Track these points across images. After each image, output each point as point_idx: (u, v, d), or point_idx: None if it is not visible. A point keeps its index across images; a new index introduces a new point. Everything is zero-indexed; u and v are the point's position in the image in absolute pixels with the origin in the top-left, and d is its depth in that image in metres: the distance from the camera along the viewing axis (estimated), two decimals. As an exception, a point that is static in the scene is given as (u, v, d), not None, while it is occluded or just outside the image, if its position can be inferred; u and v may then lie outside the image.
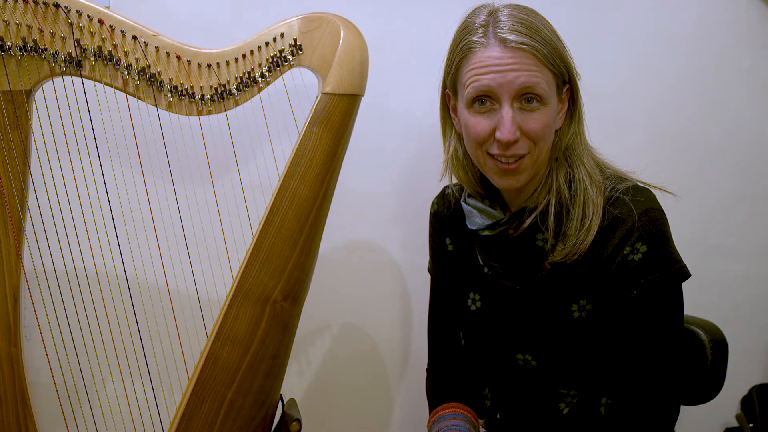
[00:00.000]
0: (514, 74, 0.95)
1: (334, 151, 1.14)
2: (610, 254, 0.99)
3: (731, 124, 1.61)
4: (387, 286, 1.57)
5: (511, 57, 0.95)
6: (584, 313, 1.04)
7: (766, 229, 1.65)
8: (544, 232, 1.03)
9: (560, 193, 1.02)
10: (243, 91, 1.14)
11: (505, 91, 0.95)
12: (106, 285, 1.22)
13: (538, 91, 0.96)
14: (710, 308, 1.36)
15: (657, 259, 0.97)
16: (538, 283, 1.07)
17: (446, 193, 1.23)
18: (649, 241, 0.97)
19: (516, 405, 1.13)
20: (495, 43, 0.96)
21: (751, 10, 1.60)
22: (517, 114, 0.97)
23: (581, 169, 1.03)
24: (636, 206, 0.98)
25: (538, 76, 0.96)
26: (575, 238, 0.99)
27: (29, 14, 1.06)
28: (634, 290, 0.98)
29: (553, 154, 1.05)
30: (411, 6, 1.52)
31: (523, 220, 1.04)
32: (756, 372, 1.66)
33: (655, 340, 0.99)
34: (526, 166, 1.00)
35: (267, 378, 1.13)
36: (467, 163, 1.09)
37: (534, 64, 0.96)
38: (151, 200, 1.18)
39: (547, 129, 0.99)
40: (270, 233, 1.12)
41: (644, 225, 0.97)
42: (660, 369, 0.99)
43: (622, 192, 1.01)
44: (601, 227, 1.00)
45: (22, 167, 1.08)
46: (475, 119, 0.99)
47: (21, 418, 1.09)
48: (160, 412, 1.21)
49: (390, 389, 1.59)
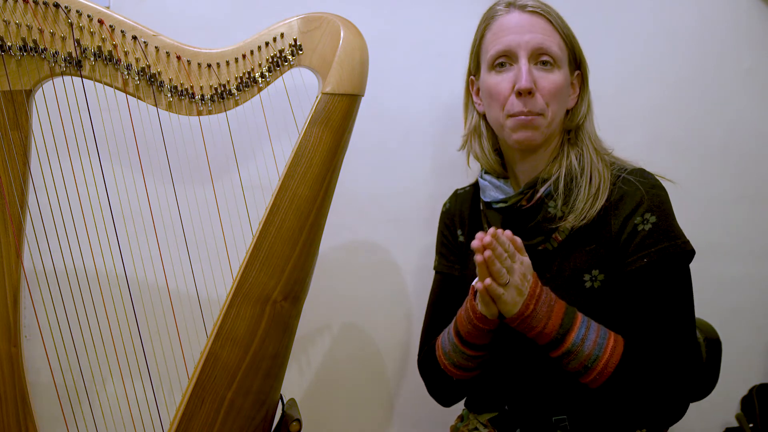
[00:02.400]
0: (530, 35, 1.08)
1: (334, 151, 1.14)
2: (620, 225, 1.06)
3: (731, 124, 1.61)
4: (387, 286, 1.57)
5: (529, 18, 1.09)
6: (596, 283, 1.07)
7: (766, 229, 1.65)
8: (556, 199, 1.09)
9: (570, 166, 1.10)
10: (243, 91, 1.14)
11: (522, 49, 1.08)
12: (106, 285, 1.22)
13: (552, 52, 1.08)
14: (710, 308, 1.36)
15: (666, 229, 1.04)
16: (549, 255, 1.10)
17: (458, 193, 1.31)
18: (658, 213, 1.04)
19: (525, 393, 1.13)
20: (514, 9, 1.10)
21: (751, 10, 1.60)
22: (534, 71, 1.08)
23: (589, 147, 1.13)
24: (643, 183, 1.07)
25: (552, 39, 1.09)
26: (584, 203, 1.07)
27: (29, 14, 1.06)
28: (645, 258, 1.03)
29: (565, 129, 1.15)
30: (411, 6, 1.53)
31: (536, 190, 1.10)
32: (756, 372, 1.66)
33: (670, 312, 1.02)
34: (540, 123, 1.09)
35: (267, 378, 1.13)
36: (487, 136, 1.19)
37: (548, 28, 1.09)
38: (151, 200, 1.18)
39: (559, 92, 1.09)
40: (270, 233, 1.12)
41: (652, 198, 1.05)
42: (677, 340, 1.01)
43: (629, 172, 1.09)
44: (609, 200, 1.07)
45: (22, 167, 1.08)
46: (495, 79, 1.11)
47: (21, 418, 1.09)
48: (160, 412, 1.21)
49: (390, 389, 1.59)
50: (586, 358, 0.99)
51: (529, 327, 1.00)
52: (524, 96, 1.07)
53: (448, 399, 1.24)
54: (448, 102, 1.55)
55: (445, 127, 1.55)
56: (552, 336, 1.00)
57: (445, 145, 1.55)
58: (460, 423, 1.24)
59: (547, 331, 0.99)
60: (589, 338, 1.00)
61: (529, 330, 1.00)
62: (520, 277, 0.98)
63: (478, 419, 1.19)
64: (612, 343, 1.01)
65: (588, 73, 1.16)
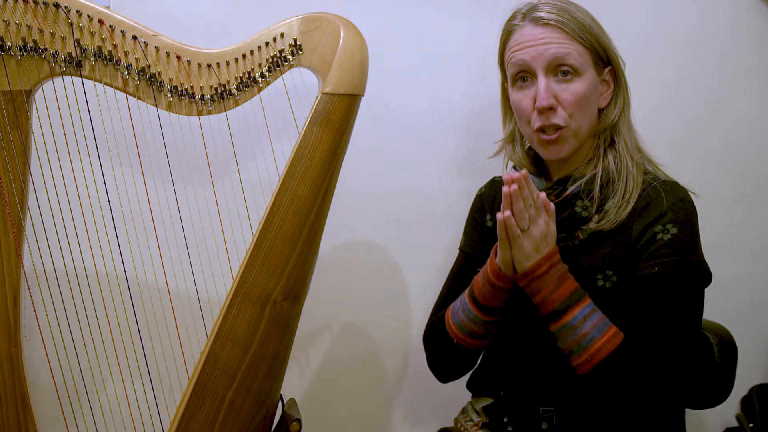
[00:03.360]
0: (544, 47, 1.07)
1: (334, 151, 1.14)
2: (641, 231, 1.06)
3: (731, 124, 1.61)
4: (387, 286, 1.57)
5: (542, 32, 1.08)
6: (608, 283, 1.07)
7: (766, 229, 1.65)
8: (584, 200, 1.10)
9: (607, 169, 1.10)
10: (243, 91, 1.14)
11: (538, 63, 1.07)
12: (106, 285, 1.22)
13: (570, 62, 1.07)
14: (710, 308, 1.35)
15: (685, 244, 1.04)
16: (569, 252, 1.10)
17: (495, 180, 1.32)
18: (680, 226, 1.04)
19: (521, 379, 1.13)
20: (528, 23, 1.09)
21: (751, 10, 1.60)
22: (553, 84, 1.08)
23: (625, 150, 1.12)
24: (673, 193, 1.07)
25: (567, 48, 1.07)
26: (616, 208, 1.07)
27: (29, 14, 1.06)
28: (657, 267, 1.03)
29: (598, 131, 1.13)
30: (411, 6, 1.52)
31: (566, 188, 1.11)
32: (756, 372, 1.66)
33: (672, 322, 1.01)
34: (566, 137, 1.09)
35: (267, 378, 1.13)
36: (518, 142, 1.21)
37: (563, 37, 1.07)
38: (151, 200, 1.18)
39: (583, 101, 1.08)
40: (270, 233, 1.12)
41: (677, 210, 1.05)
42: (673, 348, 1.00)
43: (661, 183, 1.09)
44: (636, 205, 1.07)
45: (22, 167, 1.08)
46: (518, 95, 1.11)
47: (21, 418, 1.09)
48: (160, 412, 1.21)
49: (390, 389, 1.59)
50: (582, 337, 1.00)
51: (536, 288, 1.02)
52: (545, 112, 1.08)
53: (447, 373, 1.24)
54: (448, 101, 1.55)
55: (446, 126, 1.55)
56: (556, 305, 1.01)
57: (445, 145, 1.55)
58: (460, 416, 1.25)
59: (552, 298, 1.01)
60: (590, 319, 1.01)
61: (536, 292, 1.02)
62: (540, 234, 1.00)
63: (474, 406, 1.20)
64: (612, 332, 1.01)
65: (622, 68, 1.15)
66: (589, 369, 1.00)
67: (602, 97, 1.13)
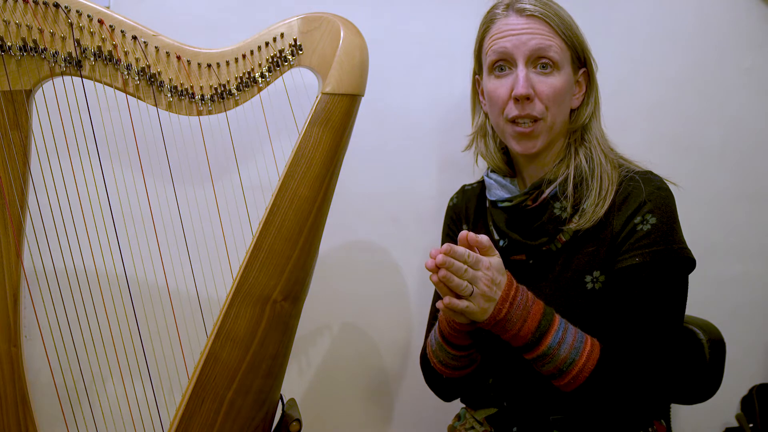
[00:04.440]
0: (527, 37, 1.06)
1: (334, 151, 1.14)
2: (621, 224, 1.05)
3: (731, 124, 1.61)
4: (387, 286, 1.57)
5: (526, 23, 1.07)
6: (597, 284, 1.06)
7: (766, 229, 1.65)
8: (562, 201, 1.09)
9: (579, 168, 1.10)
10: (243, 91, 1.14)
11: (520, 53, 1.07)
12: (106, 285, 1.22)
13: (551, 55, 1.07)
14: (710, 308, 1.36)
15: (665, 233, 1.03)
16: (553, 255, 1.10)
17: (465, 189, 1.31)
18: (659, 215, 1.03)
19: (523, 392, 1.12)
20: (512, 12, 1.09)
21: (751, 10, 1.60)
22: (532, 75, 1.07)
23: (597, 148, 1.12)
24: (649, 184, 1.06)
25: (550, 41, 1.07)
26: (594, 206, 1.06)
27: (29, 14, 1.06)
28: (638, 258, 1.02)
29: (570, 130, 1.14)
30: (411, 6, 1.52)
31: (542, 191, 1.10)
32: (756, 372, 1.66)
33: (653, 316, 1.00)
34: (541, 130, 1.09)
35: (267, 378, 1.13)
36: (492, 136, 1.20)
37: (547, 30, 1.07)
38: (151, 200, 1.18)
39: (560, 95, 1.08)
40: (270, 233, 1.12)
41: (656, 200, 1.04)
42: (654, 347, 0.99)
43: (636, 173, 1.08)
44: (614, 200, 1.07)
45: (22, 167, 1.08)
46: (494, 83, 1.11)
47: (21, 418, 1.09)
48: (160, 412, 1.21)
49: (390, 389, 1.59)
50: (562, 362, 0.98)
51: (503, 330, 0.98)
52: (522, 102, 1.07)
53: (446, 394, 1.24)
54: (448, 102, 1.55)
55: (446, 126, 1.55)
56: (527, 338, 0.98)
57: (445, 145, 1.55)
58: (457, 422, 1.24)
59: (522, 334, 0.98)
60: (566, 341, 0.98)
61: (503, 332, 0.99)
62: (487, 283, 0.95)
63: (475, 417, 1.19)
64: (588, 347, 0.99)
65: (595, 70, 1.15)
66: (574, 388, 1.00)
67: (575, 97, 1.14)
